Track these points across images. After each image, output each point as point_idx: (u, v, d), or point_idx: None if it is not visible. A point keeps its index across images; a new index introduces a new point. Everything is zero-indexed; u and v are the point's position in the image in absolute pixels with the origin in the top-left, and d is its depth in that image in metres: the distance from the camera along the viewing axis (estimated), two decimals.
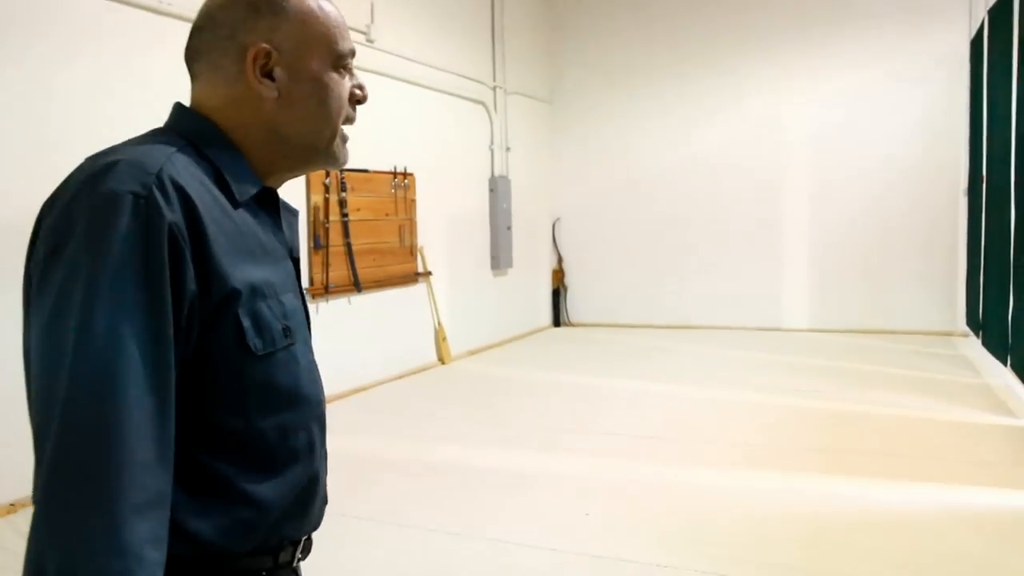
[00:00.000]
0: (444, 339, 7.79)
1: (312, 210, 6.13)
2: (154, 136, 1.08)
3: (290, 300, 1.12)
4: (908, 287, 8.63)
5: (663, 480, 4.23)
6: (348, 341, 6.40)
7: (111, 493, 0.85)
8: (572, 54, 10.08)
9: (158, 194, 0.94)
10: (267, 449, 1.07)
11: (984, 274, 7.00)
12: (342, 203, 6.38)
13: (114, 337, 0.88)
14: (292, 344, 1.09)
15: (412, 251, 7.37)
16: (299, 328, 1.12)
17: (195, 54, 1.14)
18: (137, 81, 4.59)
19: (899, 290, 8.67)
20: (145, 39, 4.69)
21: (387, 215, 7.00)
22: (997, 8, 6.50)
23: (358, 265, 6.55)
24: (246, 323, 1.02)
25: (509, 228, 8.95)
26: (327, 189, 6.23)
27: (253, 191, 1.11)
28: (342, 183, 6.37)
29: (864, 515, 3.67)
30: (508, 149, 9.04)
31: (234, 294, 1.00)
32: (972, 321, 7.79)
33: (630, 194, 9.84)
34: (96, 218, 0.91)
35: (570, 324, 10.28)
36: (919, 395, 5.89)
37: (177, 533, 0.96)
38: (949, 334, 8.39)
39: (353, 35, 5.19)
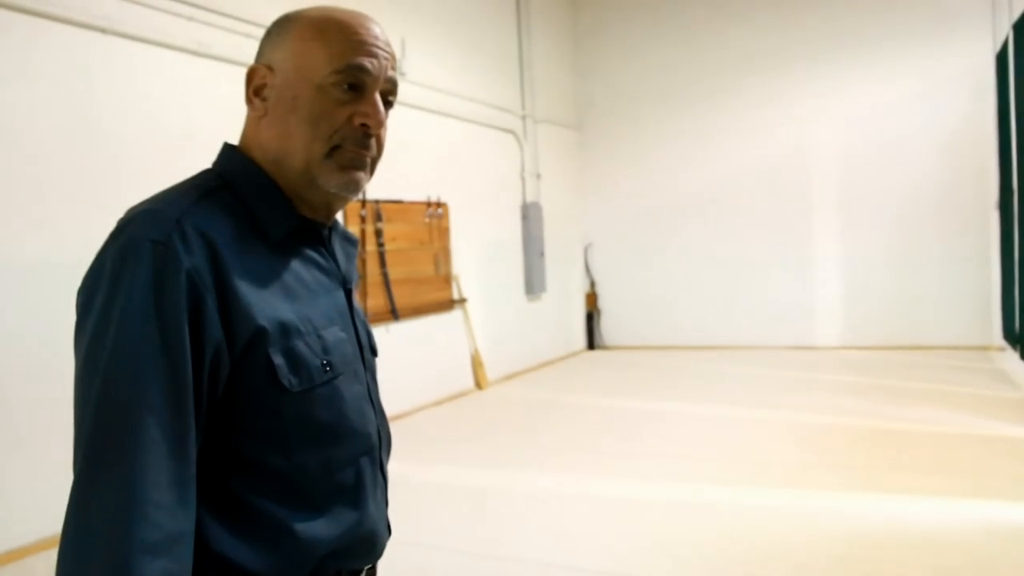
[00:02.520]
0: (480, 364, 7.90)
1: None
2: (191, 181, 1.09)
3: (334, 334, 1.10)
4: (942, 302, 8.61)
5: (699, 500, 4.28)
6: (386, 368, 6.49)
7: (122, 532, 0.88)
8: (598, 81, 10.25)
9: (177, 240, 0.96)
10: (312, 485, 1.07)
11: (1020, 288, 6.97)
12: (378, 233, 6.55)
13: (132, 385, 0.92)
14: (334, 379, 1.09)
15: (447, 279, 7.51)
16: (345, 361, 1.11)
17: None
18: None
19: (933, 305, 8.65)
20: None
21: (422, 244, 7.16)
22: (1021, 23, 6.54)
23: (395, 293, 6.71)
24: (278, 361, 1.01)
25: (542, 254, 9.08)
26: (363, 220, 6.41)
27: (288, 227, 1.10)
28: (378, 214, 6.54)
29: (902, 532, 3.69)
30: (539, 176, 9.19)
31: (262, 334, 1.00)
32: (1009, 334, 7.75)
33: (660, 217, 9.95)
34: (118, 266, 0.95)
35: (604, 347, 10.36)
36: (956, 410, 5.88)
37: (225, 567, 1.00)
38: (986, 348, 8.35)
39: None
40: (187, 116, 4.81)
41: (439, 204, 7.38)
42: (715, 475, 4.70)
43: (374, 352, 1.25)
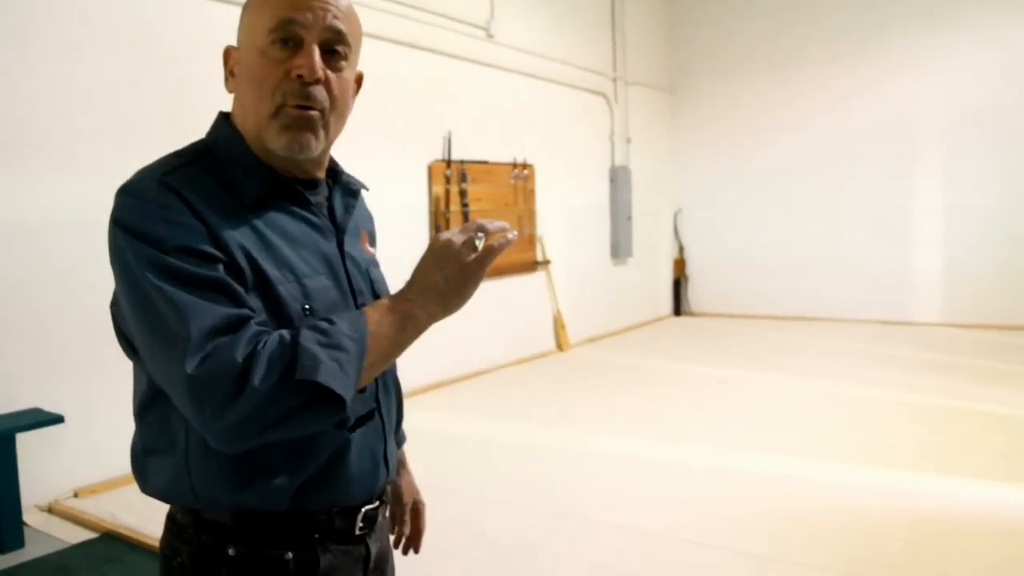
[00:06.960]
0: (563, 327, 7.94)
1: (434, 200, 6.40)
2: (175, 152, 1.16)
3: (318, 282, 1.14)
4: None
5: (773, 472, 4.20)
6: (468, 327, 6.59)
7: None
8: (694, 43, 10.02)
9: (162, 190, 1.06)
10: None
11: None
12: (463, 193, 6.62)
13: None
14: None
15: (531, 240, 7.55)
16: (329, 307, 1.13)
17: None
18: None
19: None
20: None
21: (507, 205, 7.21)
22: None
23: None
24: (256, 304, 1.06)
25: (629, 218, 9.00)
26: (448, 180, 6.49)
27: (261, 191, 1.14)
28: (463, 174, 6.61)
29: (983, 519, 3.55)
30: (629, 140, 9.09)
31: (240, 273, 1.06)
32: None
33: (752, 184, 9.71)
34: (123, 220, 1.05)
35: (691, 313, 10.24)
36: None
37: (224, 502, 1.10)
38: None
39: (473, 31, 5.48)
40: None
41: (525, 166, 7.40)
42: (791, 448, 4.61)
43: (377, 296, 1.26)
